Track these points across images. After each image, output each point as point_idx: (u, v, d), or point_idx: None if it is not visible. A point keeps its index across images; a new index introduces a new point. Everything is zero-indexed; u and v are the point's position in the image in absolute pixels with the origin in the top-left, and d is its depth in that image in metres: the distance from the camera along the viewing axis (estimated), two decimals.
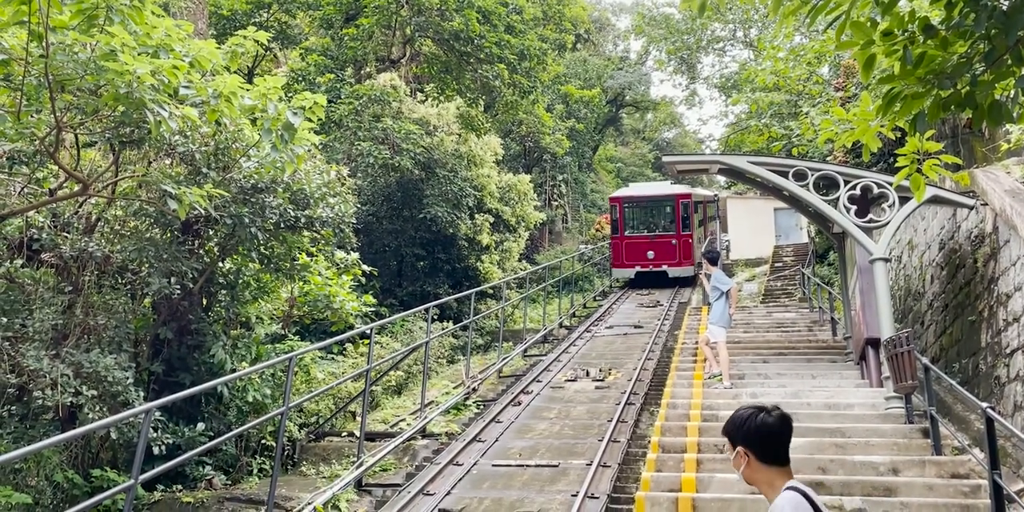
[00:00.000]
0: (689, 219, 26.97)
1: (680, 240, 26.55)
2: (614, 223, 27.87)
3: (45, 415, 8.87)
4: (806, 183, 10.42)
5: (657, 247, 26.47)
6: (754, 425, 3.00)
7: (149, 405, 6.43)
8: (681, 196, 27.42)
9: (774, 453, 3.00)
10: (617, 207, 27.78)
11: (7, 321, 8.58)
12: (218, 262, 10.52)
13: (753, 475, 3.04)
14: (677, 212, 26.92)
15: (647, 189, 29.58)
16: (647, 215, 29.43)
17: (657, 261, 26.26)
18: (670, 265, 26.23)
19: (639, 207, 29.09)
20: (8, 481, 8.29)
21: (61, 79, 6.81)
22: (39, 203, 8.87)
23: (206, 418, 10.09)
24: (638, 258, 26.43)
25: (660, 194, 28.15)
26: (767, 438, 2.99)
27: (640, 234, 27.18)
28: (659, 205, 28.33)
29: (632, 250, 26.73)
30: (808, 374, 11.72)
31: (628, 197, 28.26)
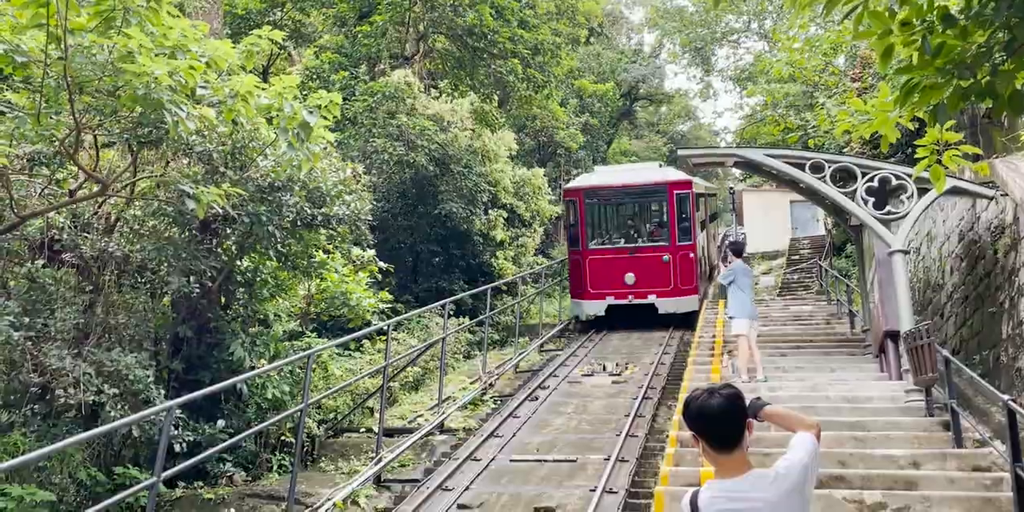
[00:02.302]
0: (689, 220, 17.75)
1: (677, 254, 17.39)
2: (571, 229, 18.51)
3: (68, 413, 8.96)
4: (823, 175, 10.36)
5: (640, 266, 17.32)
6: (694, 409, 2.86)
7: (170, 403, 6.50)
8: (677, 185, 17.73)
9: (715, 437, 2.85)
10: (576, 204, 18.06)
11: (29, 321, 8.68)
12: (236, 260, 10.59)
13: (705, 458, 2.94)
14: (671, 209, 17.71)
15: (623, 175, 19.45)
16: (624, 215, 20.89)
17: (640, 288, 17.23)
18: (661, 294, 17.18)
19: (611, 203, 19.81)
20: (32, 479, 8.39)
21: (80, 81, 6.87)
22: (59, 204, 8.95)
23: (226, 415, 10.17)
24: (610, 283, 17.35)
25: (644, 182, 18.40)
26: (706, 421, 2.84)
27: (613, 246, 18.25)
28: (643, 199, 19.72)
29: (601, 272, 17.50)
30: (827, 367, 11.66)
31: (593, 188, 18.46)
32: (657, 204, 19.72)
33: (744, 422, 2.88)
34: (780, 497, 2.85)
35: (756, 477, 2.88)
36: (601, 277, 17.58)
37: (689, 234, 17.73)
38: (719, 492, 2.85)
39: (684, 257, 17.54)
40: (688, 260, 17.56)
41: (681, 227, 17.76)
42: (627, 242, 18.62)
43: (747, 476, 2.87)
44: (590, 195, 18.35)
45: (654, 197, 18.99)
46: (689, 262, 17.56)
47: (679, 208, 17.85)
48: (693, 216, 18.09)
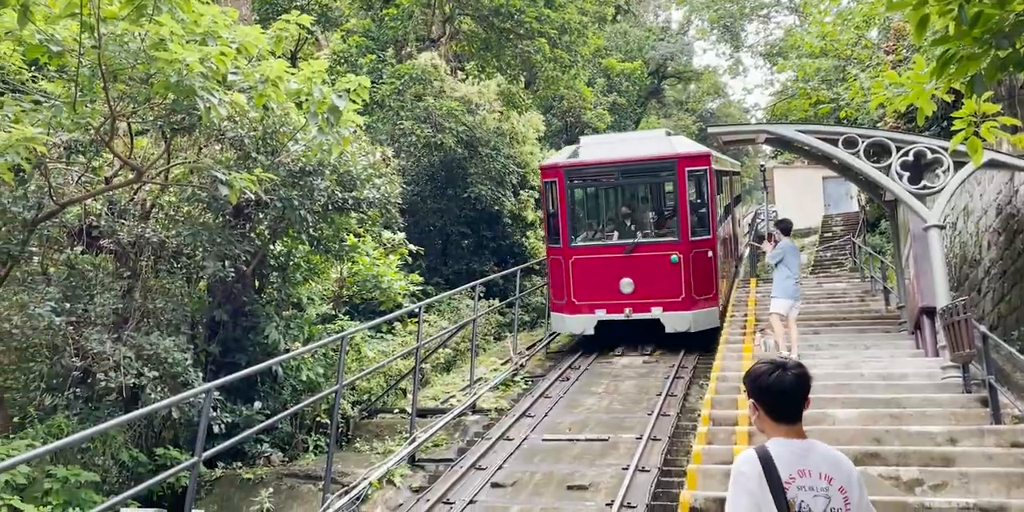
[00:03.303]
0: (707, 206, 13.79)
1: (690, 253, 13.35)
2: (550, 220, 14.47)
3: (109, 396, 9.17)
4: (857, 150, 10.20)
5: (641, 269, 13.36)
6: (766, 382, 3.12)
7: (208, 385, 6.63)
8: (690, 159, 13.65)
9: (781, 410, 3.12)
10: (554, 187, 14.16)
11: (70, 306, 8.87)
12: (269, 245, 10.72)
13: (762, 426, 3.19)
14: (682, 192, 13.60)
15: (618, 147, 14.60)
16: (617, 200, 16.22)
17: (641, 298, 13.30)
18: (669, 306, 13.22)
19: (602, 185, 15.72)
20: (76, 460, 8.62)
21: (113, 69, 6.97)
22: (96, 191, 9.11)
23: (262, 397, 10.35)
24: (601, 292, 13.49)
25: (645, 156, 13.94)
26: (776, 395, 3.11)
27: (604, 243, 14.18)
28: (644, 179, 15.20)
29: (589, 277, 13.61)
30: (861, 345, 11.55)
31: (577, 166, 14.27)
32: (663, 186, 15.24)
33: (807, 398, 3.15)
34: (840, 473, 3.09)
35: (817, 444, 3.14)
36: (589, 284, 13.41)
37: (707, 225, 13.53)
38: (787, 447, 3.06)
39: (700, 256, 13.24)
40: (706, 260, 13.27)
41: (696, 216, 13.56)
42: (623, 237, 14.11)
43: (809, 441, 3.13)
44: (573, 175, 14.05)
45: (659, 176, 14.51)
46: (707, 263, 13.29)
47: (694, 190, 13.71)
48: (712, 200, 13.71)
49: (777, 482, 2.95)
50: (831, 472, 3.04)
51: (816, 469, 3.02)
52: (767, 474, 2.97)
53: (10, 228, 8.70)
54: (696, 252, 13.40)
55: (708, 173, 13.69)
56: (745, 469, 3.00)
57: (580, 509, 7.48)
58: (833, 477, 3.03)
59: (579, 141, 15.70)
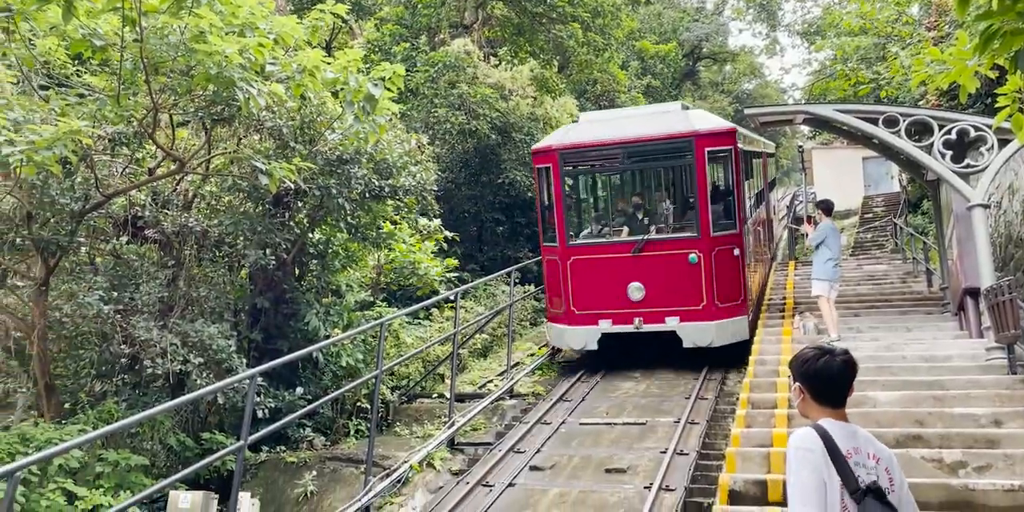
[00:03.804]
0: (733, 193, 11.68)
1: (713, 251, 11.19)
2: (545, 213, 12.31)
3: (156, 382, 9.41)
4: (897, 129, 10.03)
5: (653, 271, 11.26)
6: (814, 367, 3.17)
7: (252, 371, 6.78)
8: (712, 138, 11.35)
9: (828, 394, 3.18)
10: (548, 174, 11.97)
11: (117, 295, 9.10)
12: (308, 233, 10.87)
13: (806, 410, 3.25)
14: (700, 178, 11.26)
15: (623, 124, 12.06)
16: (623, 189, 14.05)
17: (653, 307, 11.21)
18: (687, 316, 11.15)
19: (605, 171, 13.54)
20: (126, 445, 8.87)
21: (155, 62, 7.10)
22: (140, 182, 9.32)
23: (304, 383, 10.54)
24: (606, 299, 11.45)
25: (657, 135, 11.48)
26: (824, 380, 3.17)
27: (608, 241, 11.93)
28: (656, 163, 12.76)
29: (590, 281, 11.56)
30: (902, 327, 11.40)
31: (574, 148, 11.90)
32: (679, 170, 12.81)
33: (852, 384, 3.21)
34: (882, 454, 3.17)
35: (858, 428, 3.20)
36: (590, 289, 11.40)
37: (732, 216, 11.38)
38: (841, 429, 3.13)
39: (725, 255, 11.07)
40: (731, 259, 11.09)
41: (719, 206, 11.51)
42: (631, 233, 11.82)
43: (852, 424, 3.19)
44: (569, 159, 11.87)
45: (674, 158, 11.99)
46: (733, 262, 11.12)
47: (716, 175, 11.86)
48: (739, 186, 11.54)
49: (840, 456, 3.02)
50: (877, 453, 3.12)
51: (864, 449, 3.10)
52: (829, 449, 3.03)
53: (58, 219, 8.94)
54: (720, 250, 11.11)
55: (733, 154, 11.37)
56: (809, 445, 3.05)
57: (618, 492, 7.53)
58: (880, 458, 3.11)
59: (577, 117, 13.56)
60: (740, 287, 11.40)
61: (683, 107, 12.50)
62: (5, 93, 7.81)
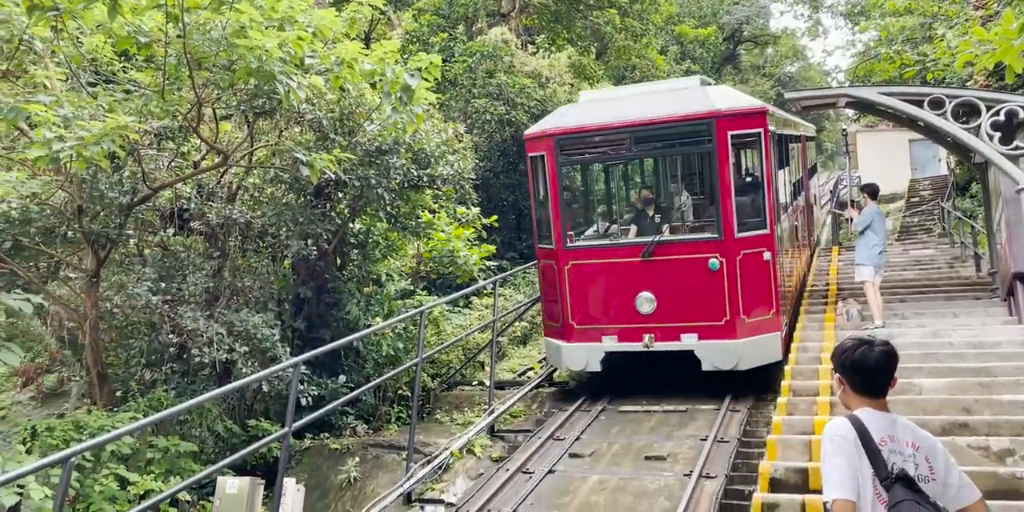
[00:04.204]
0: (760, 185, 10.05)
1: (737, 254, 9.47)
2: (540, 210, 10.72)
3: (203, 371, 9.64)
4: (943, 111, 9.82)
5: (665, 278, 9.65)
6: (852, 358, 3.18)
7: (296, 359, 6.91)
8: (735, 119, 9.47)
9: (867, 385, 3.19)
10: (543, 164, 10.23)
11: (165, 286, 9.33)
12: (348, 223, 11.01)
13: (847, 401, 3.27)
14: (722, 167, 9.38)
15: (630, 104, 10.11)
16: (629, 181, 13.04)
17: (665, 321, 9.64)
18: (706, 332, 9.52)
19: (608, 160, 11.61)
20: (175, 432, 9.12)
21: (198, 57, 7.25)
22: (186, 175, 9.52)
23: (346, 371, 10.71)
24: (609, 312, 9.91)
25: (669, 117, 9.62)
26: (862, 372, 3.17)
27: (612, 243, 10.32)
28: (668, 150, 11.18)
29: (592, 289, 9.99)
30: (949, 312, 11.19)
31: (571, 133, 10.04)
32: (697, 159, 11.46)
33: (894, 375, 3.20)
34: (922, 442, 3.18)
35: (899, 417, 3.22)
36: (592, 300, 9.84)
37: (761, 213, 9.63)
38: (874, 416, 3.16)
39: (752, 260, 9.40)
40: (760, 265, 9.44)
41: (747, 201, 9.81)
42: (640, 234, 10.32)
43: (892, 414, 3.21)
44: (567, 146, 9.97)
45: (691, 145, 10.23)
46: (762, 268, 9.45)
47: (743, 163, 10.57)
48: (769, 177, 9.76)
49: (872, 444, 3.05)
50: (916, 441, 3.13)
51: (902, 437, 3.12)
52: (862, 438, 3.06)
53: (108, 213, 9.17)
54: (746, 254, 9.37)
55: (763, 138, 9.55)
56: (842, 432, 3.10)
57: (658, 479, 7.54)
58: (920, 446, 3.12)
59: (577, 97, 11.36)
60: (771, 297, 9.52)
61: (702, 83, 10.39)
62: (55, 90, 8.03)
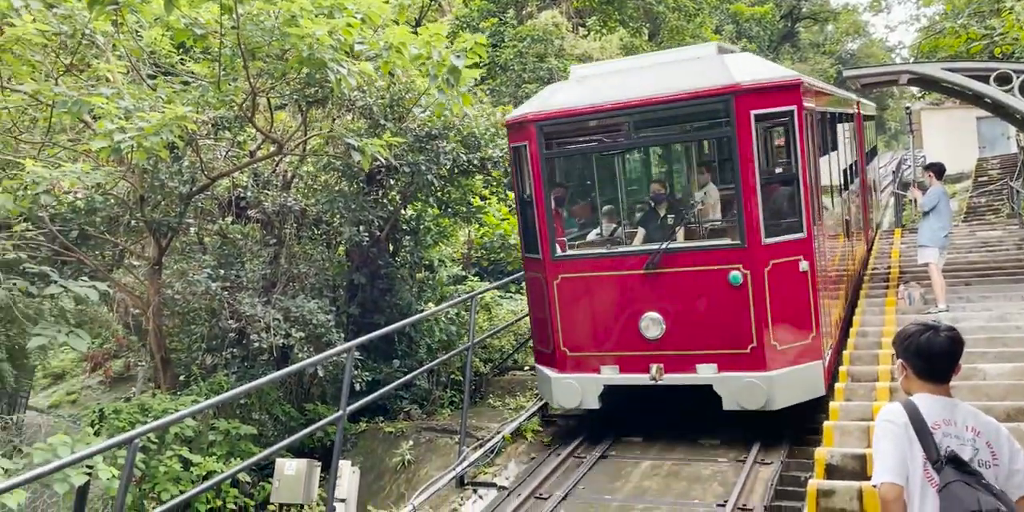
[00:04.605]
0: (795, 178, 7.71)
1: (765, 265, 7.48)
2: (524, 211, 8.73)
3: (262, 356, 9.88)
4: (1011, 87, 9.46)
5: (675, 295, 7.75)
6: (916, 343, 3.15)
7: (350, 344, 7.03)
8: (757, 95, 7.39)
9: (931, 371, 3.16)
10: (527, 154, 8.23)
11: (224, 273, 9.57)
12: (400, 209, 11.12)
13: (909, 386, 3.24)
14: (743, 155, 7.38)
15: (628, 81, 8.11)
16: (629, 175, 10.31)
17: (675, 347, 7.72)
18: (727, 362, 7.56)
19: (603, 149, 9.00)
20: (236, 415, 9.38)
21: (251, 48, 7.38)
22: (242, 164, 9.72)
23: (400, 356, 10.86)
24: (607, 336, 8.05)
25: (675, 94, 7.58)
26: (927, 357, 3.14)
27: (609, 252, 8.24)
28: (672, 133, 9.12)
29: (585, 308, 8.12)
30: (1017, 296, 10.81)
31: (559, 117, 8.07)
32: (713, 146, 9.59)
33: (958, 361, 3.18)
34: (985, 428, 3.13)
35: (961, 403, 3.19)
36: (587, 321, 8.11)
37: (798, 212, 7.70)
38: (933, 401, 3.13)
39: (785, 271, 7.56)
40: (796, 278, 7.60)
41: (779, 197, 7.91)
42: (648, 239, 8.46)
43: (954, 399, 3.19)
44: (553, 133, 8.27)
45: (704, 128, 8.69)
46: (798, 282, 7.63)
47: (773, 151, 8.22)
48: (806, 166, 7.71)
49: (924, 427, 3.04)
50: (978, 426, 3.09)
51: (962, 422, 3.09)
52: (914, 421, 3.06)
53: (168, 202, 9.43)
54: (777, 264, 7.49)
55: (796, 118, 7.52)
56: (891, 417, 3.10)
57: (712, 465, 7.49)
58: (981, 431, 3.08)
59: (567, 73, 9.56)
60: (810, 317, 7.63)
61: (720, 50, 8.31)
62: (116, 83, 8.25)
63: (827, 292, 8.46)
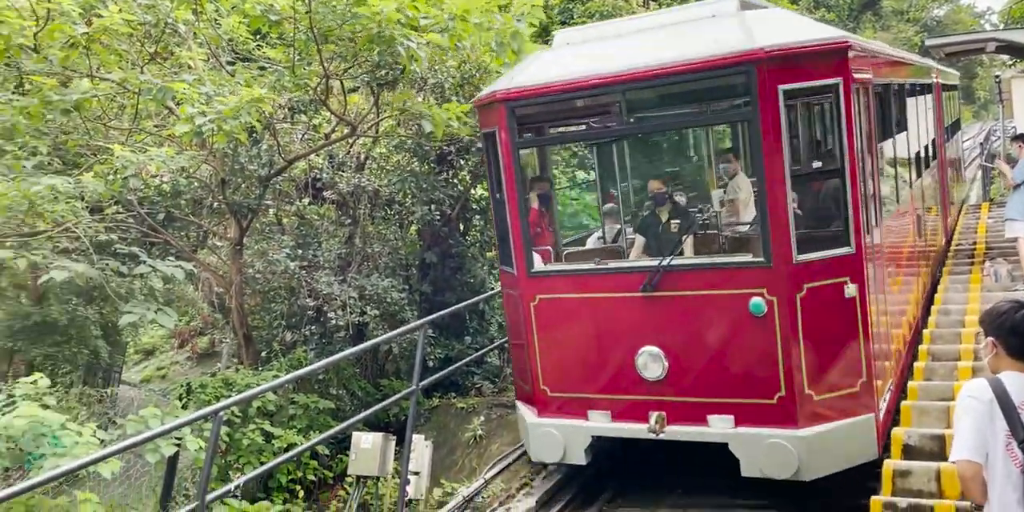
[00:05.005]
0: (845, 171, 5.70)
1: (794, 290, 5.63)
2: (498, 213, 6.85)
3: (338, 333, 10.17)
4: None
5: (677, 324, 5.98)
6: (1010, 321, 3.11)
7: (421, 321, 7.20)
8: (784, 65, 5.45)
9: (1021, 349, 3.11)
10: (496, 142, 6.48)
11: (302, 252, 9.87)
12: (470, 189, 11.23)
13: (997, 365, 3.19)
14: (765, 144, 5.51)
15: (626, 48, 6.16)
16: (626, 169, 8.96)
17: (679, 392, 5.99)
18: (745, 413, 5.78)
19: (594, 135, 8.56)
20: (314, 390, 9.70)
21: (324, 31, 7.55)
22: (318, 147, 9.97)
23: (471, 333, 11.02)
24: (596, 374, 6.31)
25: (681, 63, 5.66)
26: (1020, 335, 3.10)
27: (596, 269, 6.37)
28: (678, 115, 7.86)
29: (568, 337, 6.40)
30: None
31: (537, 95, 6.21)
32: (731, 131, 8.58)
33: None
34: None
35: None
36: (572, 354, 6.49)
37: (844, 218, 5.82)
38: (1021, 378, 3.08)
39: (827, 298, 5.75)
40: (841, 305, 5.78)
41: (816, 199, 6.20)
42: (649, 251, 7.25)
43: None
44: (524, 116, 6.75)
45: (716, 111, 7.75)
46: (844, 313, 5.79)
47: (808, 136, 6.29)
48: (852, 156, 5.76)
49: (1010, 405, 2.99)
50: None
51: None
52: (999, 398, 3.01)
53: (248, 184, 9.75)
54: (814, 290, 5.72)
55: (843, 94, 5.68)
56: (975, 393, 3.07)
57: None
58: None
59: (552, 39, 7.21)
60: (859, 358, 5.83)
61: (741, 6, 6.25)
62: (197, 70, 8.55)
63: (887, 318, 6.57)
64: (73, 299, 13.03)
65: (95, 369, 15.29)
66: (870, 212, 6.19)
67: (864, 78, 6.20)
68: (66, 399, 11.14)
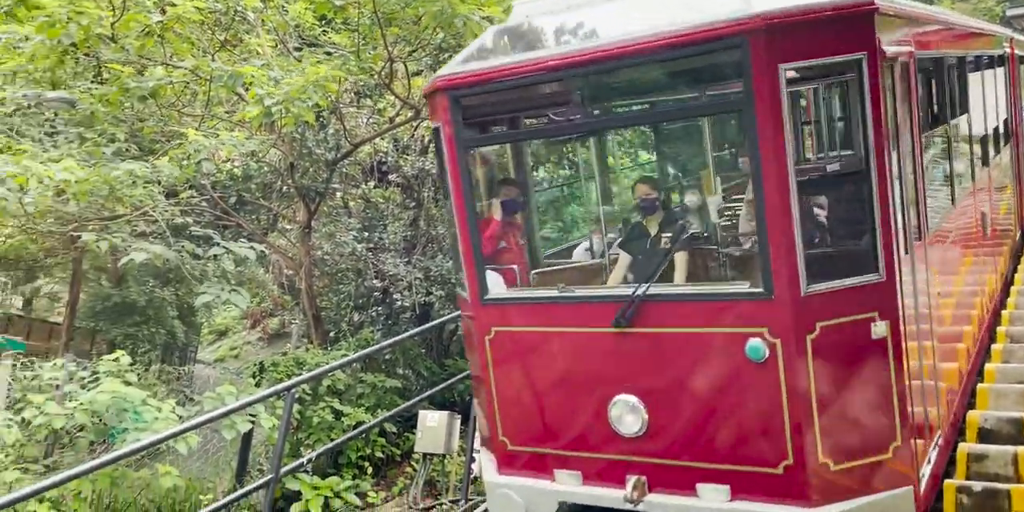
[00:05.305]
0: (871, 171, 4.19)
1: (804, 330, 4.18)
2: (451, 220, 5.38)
3: (404, 314, 10.33)
4: None
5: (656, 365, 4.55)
6: None
7: None
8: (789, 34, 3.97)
9: None
10: (440, 137, 5.06)
11: (368, 235, 10.04)
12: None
13: None
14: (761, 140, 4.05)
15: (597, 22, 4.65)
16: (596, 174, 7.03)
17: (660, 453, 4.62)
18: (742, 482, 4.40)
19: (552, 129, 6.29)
20: (382, 369, 9.88)
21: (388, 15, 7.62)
22: (382, 130, 10.10)
23: None
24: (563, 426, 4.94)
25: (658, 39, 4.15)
26: None
27: (560, 296, 4.86)
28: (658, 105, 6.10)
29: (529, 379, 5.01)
30: None
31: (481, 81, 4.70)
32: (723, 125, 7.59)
33: None
34: None
35: None
36: (534, 400, 5.08)
37: (871, 235, 4.31)
38: None
39: (847, 339, 4.29)
40: (868, 349, 4.33)
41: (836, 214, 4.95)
42: (632, 272, 5.70)
43: None
44: (470, 107, 5.13)
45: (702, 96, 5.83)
46: (873, 355, 4.34)
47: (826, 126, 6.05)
48: (881, 156, 4.24)
49: None
50: None
51: None
52: None
53: (315, 168, 9.95)
54: (829, 329, 4.30)
55: (869, 72, 4.21)
56: None
57: None
58: None
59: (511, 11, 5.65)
60: (892, 415, 4.48)
61: None
62: (266, 56, 8.74)
63: (933, 354, 5.15)
64: (150, 281, 13.55)
65: (172, 348, 15.88)
66: (908, 225, 4.73)
67: (900, 51, 4.80)
68: (145, 377, 11.59)
